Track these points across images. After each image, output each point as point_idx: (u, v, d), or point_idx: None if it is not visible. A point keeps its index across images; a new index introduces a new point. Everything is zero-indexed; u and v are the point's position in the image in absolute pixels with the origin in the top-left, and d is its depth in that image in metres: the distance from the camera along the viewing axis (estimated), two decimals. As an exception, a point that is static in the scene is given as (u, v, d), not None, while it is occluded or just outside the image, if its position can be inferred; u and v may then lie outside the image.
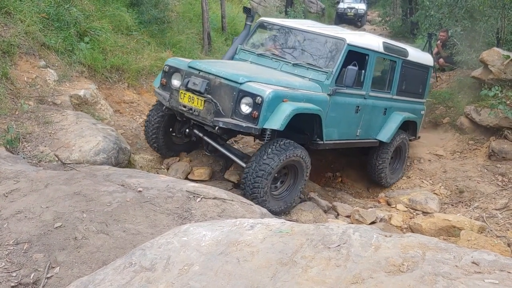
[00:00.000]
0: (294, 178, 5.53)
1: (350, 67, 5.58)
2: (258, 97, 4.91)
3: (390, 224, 6.03)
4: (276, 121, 4.95)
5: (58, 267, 3.07)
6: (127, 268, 2.45)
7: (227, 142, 6.38)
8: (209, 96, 5.15)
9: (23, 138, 5.21)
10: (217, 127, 5.14)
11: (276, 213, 5.18)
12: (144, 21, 8.74)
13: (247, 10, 7.19)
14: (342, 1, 26.68)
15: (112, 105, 7.04)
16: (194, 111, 5.29)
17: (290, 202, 5.53)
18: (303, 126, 5.75)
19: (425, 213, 6.58)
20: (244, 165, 5.32)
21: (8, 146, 4.99)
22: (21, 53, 6.28)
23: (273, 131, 5.29)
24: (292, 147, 5.22)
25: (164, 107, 5.88)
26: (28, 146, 5.17)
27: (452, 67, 11.43)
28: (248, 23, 6.95)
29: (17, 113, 5.51)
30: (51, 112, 5.72)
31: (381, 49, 6.46)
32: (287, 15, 16.01)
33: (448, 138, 9.02)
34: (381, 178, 7.31)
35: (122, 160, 5.50)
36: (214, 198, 4.00)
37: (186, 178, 5.89)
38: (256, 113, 4.91)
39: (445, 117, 9.57)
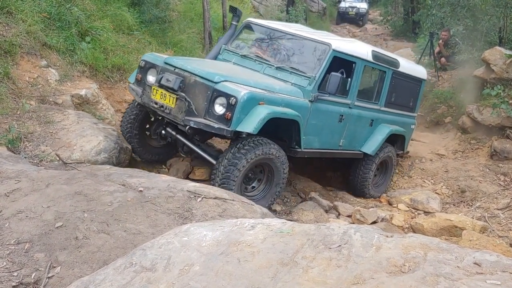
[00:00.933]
0: (270, 178, 5.33)
1: (333, 73, 5.40)
2: (232, 98, 4.73)
3: (392, 224, 6.03)
4: (250, 124, 4.76)
5: (59, 267, 3.07)
6: (128, 268, 2.45)
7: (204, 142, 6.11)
8: (182, 94, 4.98)
9: (24, 137, 5.21)
10: (187, 127, 4.95)
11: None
12: (145, 21, 8.74)
13: (233, 9, 6.93)
14: (344, 0, 26.66)
15: (114, 104, 7.05)
16: (166, 108, 5.11)
17: (265, 204, 5.17)
18: (281, 132, 5.55)
19: (426, 213, 6.58)
20: (214, 162, 5.14)
21: (9, 146, 4.99)
22: (22, 53, 6.28)
23: (248, 135, 5.07)
24: (265, 145, 5.01)
25: (137, 103, 5.72)
26: (30, 145, 5.17)
27: (454, 67, 11.42)
28: (234, 22, 6.72)
29: (18, 112, 5.52)
30: (53, 112, 5.72)
31: (370, 58, 6.23)
32: (288, 14, 15.97)
33: (450, 137, 9.02)
34: (363, 191, 7.04)
35: (123, 159, 5.51)
36: (215, 198, 4.00)
37: (187, 178, 5.88)
38: (230, 114, 4.73)
39: (446, 116, 9.57)
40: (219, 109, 4.83)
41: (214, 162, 5.12)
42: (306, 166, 7.30)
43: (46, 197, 3.72)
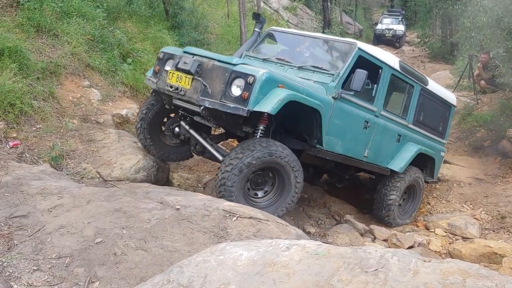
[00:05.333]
0: (280, 187, 4.95)
1: (359, 70, 5.10)
2: (251, 77, 4.49)
3: (429, 249, 5.91)
4: (268, 104, 4.46)
5: (98, 282, 3.15)
6: (165, 285, 2.50)
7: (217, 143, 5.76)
8: (199, 78, 4.76)
9: (67, 155, 5.38)
10: (202, 107, 4.66)
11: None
12: (185, 43, 8.96)
13: (256, 16, 6.67)
14: (380, 22, 26.66)
15: (153, 124, 7.19)
16: (181, 90, 4.88)
17: (273, 213, 4.77)
18: (301, 128, 5.31)
19: (465, 238, 6.42)
20: (220, 158, 4.92)
21: (52, 163, 5.17)
22: (67, 73, 6.53)
23: (267, 129, 4.87)
24: (274, 146, 4.69)
25: (152, 95, 5.60)
26: (72, 163, 5.34)
27: (494, 89, 11.20)
28: (256, 29, 6.45)
29: (62, 131, 5.71)
30: (94, 131, 5.90)
31: (397, 67, 6.03)
32: (325, 36, 16.03)
33: (489, 161, 8.82)
34: (388, 215, 6.58)
35: (161, 178, 5.61)
36: (250, 218, 4.02)
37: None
38: (247, 93, 4.46)
39: (486, 140, 9.37)
40: (236, 90, 4.58)
41: (221, 158, 4.92)
42: (341, 188, 7.26)
43: (87, 213, 3.83)
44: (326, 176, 7.40)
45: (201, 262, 2.65)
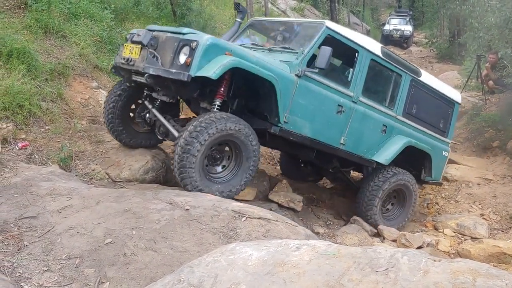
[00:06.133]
0: (237, 158, 4.86)
1: (324, 46, 4.97)
2: (194, 42, 4.40)
3: (437, 249, 5.88)
4: (210, 69, 4.34)
5: (108, 283, 3.16)
6: (176, 285, 2.50)
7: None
8: (151, 50, 4.67)
9: (75, 156, 5.41)
10: (146, 75, 4.56)
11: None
12: (192, 44, 8.95)
13: (237, 6, 6.49)
14: (388, 23, 26.63)
15: (160, 125, 7.22)
16: (130, 61, 4.83)
17: (235, 187, 4.83)
18: (262, 106, 5.19)
19: (473, 238, 6.39)
20: (176, 134, 4.74)
21: (61, 164, 5.19)
22: (75, 75, 6.56)
23: (225, 106, 4.80)
24: (227, 119, 4.56)
25: (113, 69, 5.47)
26: (80, 164, 5.36)
27: (502, 90, 11.15)
28: (238, 19, 6.21)
29: (70, 132, 5.74)
30: (103, 132, 5.92)
31: (378, 52, 5.80)
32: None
33: (498, 162, 8.77)
34: (367, 214, 6.20)
35: (170, 178, 5.61)
36: (259, 218, 4.02)
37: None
38: (190, 59, 4.35)
39: (494, 140, 9.32)
40: (182, 58, 4.48)
41: (176, 134, 4.75)
42: (349, 189, 7.25)
43: (96, 214, 3.84)
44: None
45: (211, 262, 2.65)
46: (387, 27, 26.47)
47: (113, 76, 7.06)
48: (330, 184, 7.94)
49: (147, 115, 5.43)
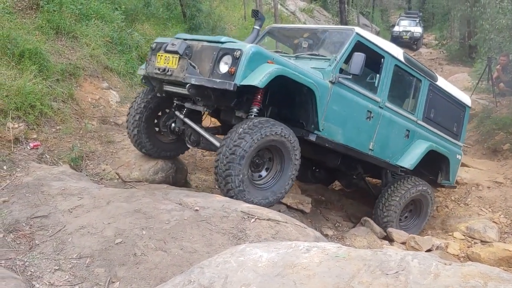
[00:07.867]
0: (280, 163, 4.80)
1: (357, 53, 4.99)
2: (237, 51, 4.37)
3: (447, 252, 5.85)
4: (256, 78, 4.31)
5: (118, 282, 3.18)
6: (186, 285, 2.51)
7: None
8: (187, 58, 4.63)
9: (86, 156, 5.44)
10: (188, 85, 4.51)
11: (263, 206, 4.50)
12: (202, 45, 8.98)
13: (255, 13, 6.36)
14: (398, 24, 26.55)
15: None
16: (168, 71, 4.74)
17: (280, 192, 4.80)
18: (297, 114, 5.15)
19: (483, 242, 6.36)
20: (218, 144, 4.67)
21: (72, 164, 5.23)
22: (86, 75, 6.61)
23: (261, 113, 4.74)
24: (269, 125, 4.49)
25: (143, 79, 5.37)
26: (91, 164, 5.39)
27: (513, 92, 11.11)
28: (256, 27, 6.18)
29: (81, 132, 5.78)
30: (113, 132, 5.96)
31: (401, 58, 5.86)
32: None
33: (508, 165, 8.72)
34: (384, 221, 6.16)
35: (179, 179, 5.64)
36: (268, 220, 4.02)
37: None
38: (234, 68, 4.33)
39: (505, 143, 9.27)
40: (224, 67, 4.45)
41: (218, 144, 4.68)
42: (358, 191, 7.24)
43: (107, 214, 3.86)
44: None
45: (221, 263, 2.66)
46: (396, 28, 26.40)
47: (123, 77, 7.10)
48: (339, 186, 7.92)
49: (173, 124, 5.40)
